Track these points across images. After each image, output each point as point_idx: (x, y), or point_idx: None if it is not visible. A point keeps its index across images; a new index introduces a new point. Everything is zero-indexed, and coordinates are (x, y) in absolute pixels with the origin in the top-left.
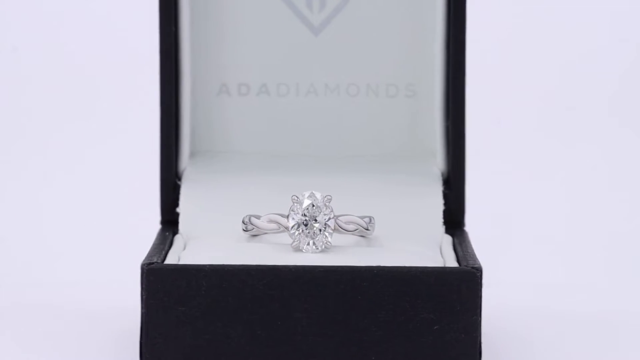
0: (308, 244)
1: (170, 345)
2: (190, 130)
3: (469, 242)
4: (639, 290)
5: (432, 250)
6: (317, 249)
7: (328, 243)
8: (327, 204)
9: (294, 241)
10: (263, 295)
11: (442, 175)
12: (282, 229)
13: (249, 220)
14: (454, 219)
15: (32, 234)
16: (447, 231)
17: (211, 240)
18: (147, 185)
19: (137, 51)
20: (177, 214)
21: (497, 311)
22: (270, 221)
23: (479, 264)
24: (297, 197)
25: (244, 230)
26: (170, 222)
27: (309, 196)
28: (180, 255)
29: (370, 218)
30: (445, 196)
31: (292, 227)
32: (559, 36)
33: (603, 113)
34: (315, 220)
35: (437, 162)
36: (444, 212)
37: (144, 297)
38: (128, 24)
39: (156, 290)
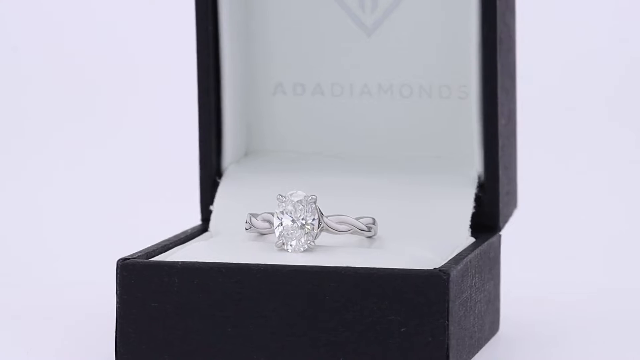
0: (291, 243)
1: (143, 340)
2: (245, 129)
3: (485, 245)
4: None
5: (435, 254)
6: (300, 248)
7: (311, 243)
8: (311, 203)
9: (277, 240)
10: (233, 293)
11: (480, 178)
12: (272, 227)
13: (250, 219)
14: (487, 223)
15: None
16: (481, 235)
17: (227, 238)
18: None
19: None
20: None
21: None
22: (264, 220)
23: (450, 268)
24: (281, 197)
25: (246, 229)
26: (209, 219)
27: (293, 195)
28: (180, 252)
29: (373, 219)
30: (479, 199)
31: (276, 227)
32: (559, 36)
33: (603, 113)
34: (300, 219)
35: (476, 165)
36: (478, 215)
37: (118, 292)
38: (148, 24)
39: (130, 286)
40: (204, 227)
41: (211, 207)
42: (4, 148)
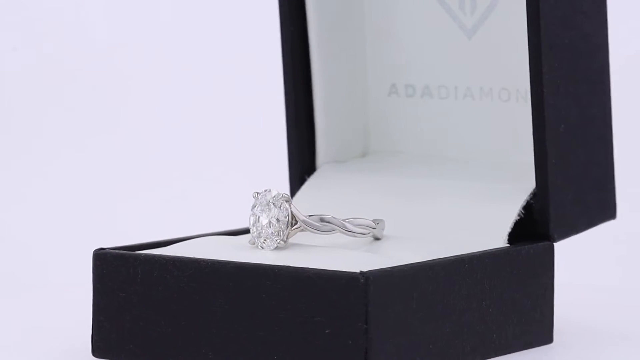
0: (263, 241)
1: (113, 329)
2: (361, 129)
3: (485, 253)
4: None
5: (424, 257)
6: (270, 246)
7: (281, 241)
8: (282, 202)
9: (250, 238)
10: (186, 286)
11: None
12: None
13: None
14: (540, 231)
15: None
16: (528, 242)
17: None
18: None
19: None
20: None
21: None
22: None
23: (373, 272)
24: (257, 194)
25: None
26: None
27: (265, 194)
28: (182, 244)
29: (375, 221)
30: (530, 207)
31: (251, 225)
32: None
33: None
34: (272, 218)
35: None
36: (532, 223)
37: (93, 281)
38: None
39: (102, 275)
40: None
41: None
42: (24, 148)
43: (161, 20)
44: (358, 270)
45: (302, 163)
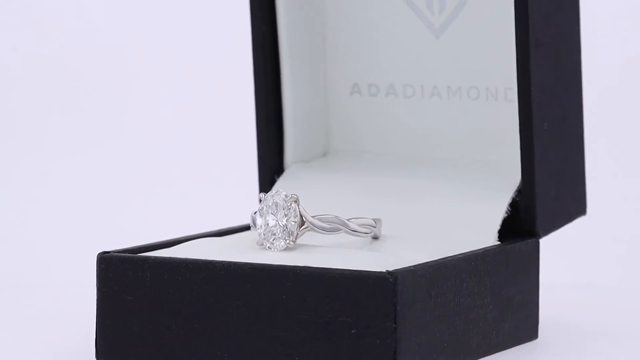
0: (271, 242)
1: (119, 333)
2: (322, 129)
3: (485, 250)
4: None
5: (428, 256)
6: (279, 247)
7: (291, 242)
8: (291, 203)
9: (258, 239)
10: (199, 289)
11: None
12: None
13: (253, 219)
14: (526, 228)
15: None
16: (516, 240)
17: (240, 235)
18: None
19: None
20: None
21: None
22: (252, 219)
23: (398, 271)
24: (264, 195)
25: (250, 227)
26: None
27: (273, 195)
28: (178, 247)
29: (375, 220)
30: (516, 204)
31: (258, 226)
32: None
33: (600, 114)
34: (281, 219)
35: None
36: (517, 220)
37: (97, 285)
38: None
39: (107, 279)
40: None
41: None
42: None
43: (161, 20)
44: (384, 270)
45: (272, 164)
